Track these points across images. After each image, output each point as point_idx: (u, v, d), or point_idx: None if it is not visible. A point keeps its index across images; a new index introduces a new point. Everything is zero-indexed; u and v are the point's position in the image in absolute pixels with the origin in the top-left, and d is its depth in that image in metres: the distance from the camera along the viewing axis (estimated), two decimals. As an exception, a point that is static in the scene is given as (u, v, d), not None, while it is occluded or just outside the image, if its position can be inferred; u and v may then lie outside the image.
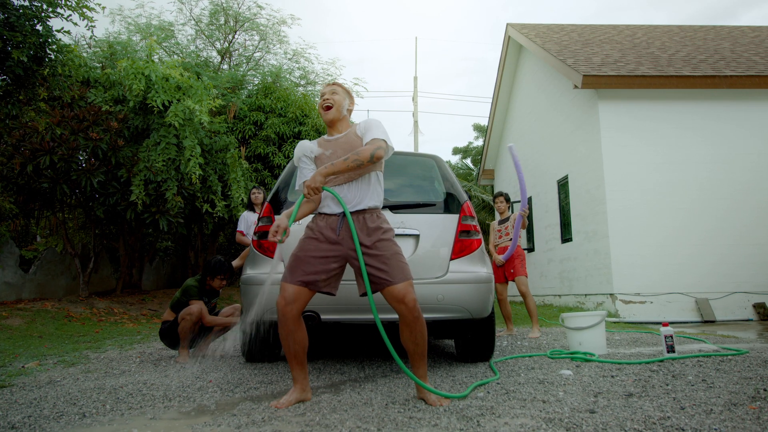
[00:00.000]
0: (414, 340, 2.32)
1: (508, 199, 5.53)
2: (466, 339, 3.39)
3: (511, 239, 5.33)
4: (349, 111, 2.65)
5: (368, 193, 2.45)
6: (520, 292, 5.18)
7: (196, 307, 3.76)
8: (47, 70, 6.75)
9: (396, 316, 2.91)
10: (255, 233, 3.28)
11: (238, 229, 5.30)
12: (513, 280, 5.21)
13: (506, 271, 5.30)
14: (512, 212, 5.60)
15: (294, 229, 3.16)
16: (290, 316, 2.32)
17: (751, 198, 7.61)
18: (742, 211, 7.57)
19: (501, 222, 5.51)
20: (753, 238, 7.50)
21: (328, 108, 2.55)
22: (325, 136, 2.60)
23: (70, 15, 6.45)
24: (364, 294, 2.38)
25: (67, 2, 6.29)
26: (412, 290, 2.30)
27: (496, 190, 13.86)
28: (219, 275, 3.90)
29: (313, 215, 2.54)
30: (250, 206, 5.30)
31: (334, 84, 2.64)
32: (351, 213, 2.39)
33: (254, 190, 5.30)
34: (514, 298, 10.61)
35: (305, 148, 2.56)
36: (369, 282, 2.31)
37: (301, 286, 2.34)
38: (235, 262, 4.46)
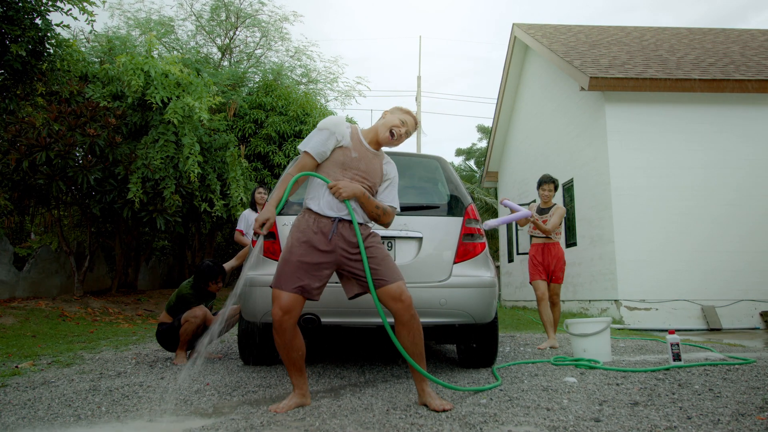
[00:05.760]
0: (413, 339, 2.31)
1: (557, 187, 4.90)
2: (469, 344, 3.34)
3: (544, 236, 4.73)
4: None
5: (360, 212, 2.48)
6: (551, 300, 4.77)
7: (201, 310, 3.70)
8: (46, 64, 6.69)
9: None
10: (254, 233, 3.22)
11: (237, 228, 5.24)
12: (550, 283, 4.73)
13: (549, 269, 4.71)
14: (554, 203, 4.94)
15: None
16: (288, 325, 2.26)
17: (759, 204, 7.58)
18: (751, 218, 7.54)
19: (541, 211, 4.82)
20: (761, 245, 7.47)
21: (394, 139, 2.45)
22: (364, 140, 2.47)
23: (70, 9, 6.40)
24: (353, 297, 2.42)
25: (67, -4, 6.24)
26: (406, 289, 2.32)
27: (500, 193, 13.78)
28: (211, 281, 3.82)
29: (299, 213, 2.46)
30: (252, 205, 5.23)
31: (417, 125, 2.56)
32: (348, 221, 2.39)
33: (260, 189, 5.21)
34: (528, 303, 10.51)
35: (342, 128, 2.39)
36: (367, 284, 2.33)
37: (297, 293, 2.27)
38: (229, 263, 4.37)
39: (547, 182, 4.82)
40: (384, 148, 2.64)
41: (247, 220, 5.17)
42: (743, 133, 7.77)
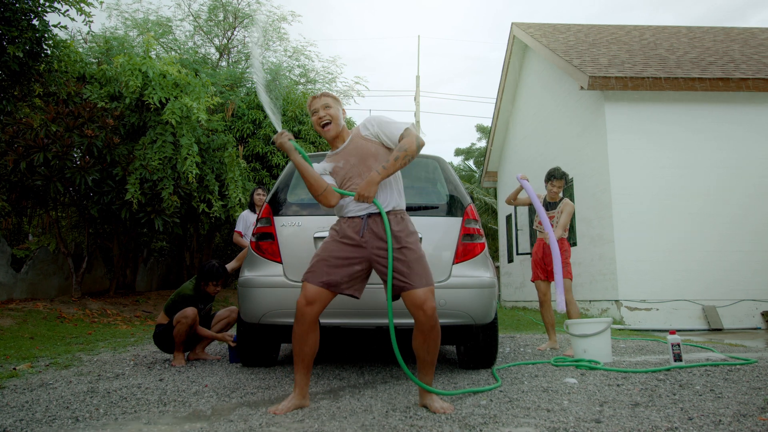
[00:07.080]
0: (426, 347, 2.28)
1: (567, 183, 4.54)
2: (468, 345, 3.33)
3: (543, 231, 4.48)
4: (344, 115, 2.53)
5: (392, 194, 2.41)
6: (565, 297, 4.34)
7: (192, 310, 3.69)
8: (43, 65, 6.67)
9: (404, 321, 2.86)
10: (253, 234, 3.22)
11: (236, 230, 5.21)
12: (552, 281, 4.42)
13: (549, 267, 4.45)
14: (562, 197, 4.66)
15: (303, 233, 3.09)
16: (309, 316, 2.28)
17: (760, 204, 7.55)
18: (752, 218, 7.51)
19: (548, 205, 4.55)
20: (762, 245, 7.44)
21: (327, 125, 2.42)
22: (329, 152, 2.52)
23: (68, 10, 6.39)
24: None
25: (65, -3, 6.23)
26: (433, 297, 2.25)
27: (499, 193, 13.76)
28: (212, 281, 3.82)
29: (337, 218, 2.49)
30: (251, 206, 5.20)
31: (323, 96, 2.45)
32: (379, 215, 2.37)
33: (258, 190, 5.18)
34: (528, 304, 10.47)
35: (317, 169, 2.46)
36: (400, 287, 2.27)
37: (323, 288, 2.29)
38: (230, 265, 4.36)
39: (558, 178, 4.53)
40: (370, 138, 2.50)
41: (245, 221, 5.14)
42: (747, 131, 7.74)
